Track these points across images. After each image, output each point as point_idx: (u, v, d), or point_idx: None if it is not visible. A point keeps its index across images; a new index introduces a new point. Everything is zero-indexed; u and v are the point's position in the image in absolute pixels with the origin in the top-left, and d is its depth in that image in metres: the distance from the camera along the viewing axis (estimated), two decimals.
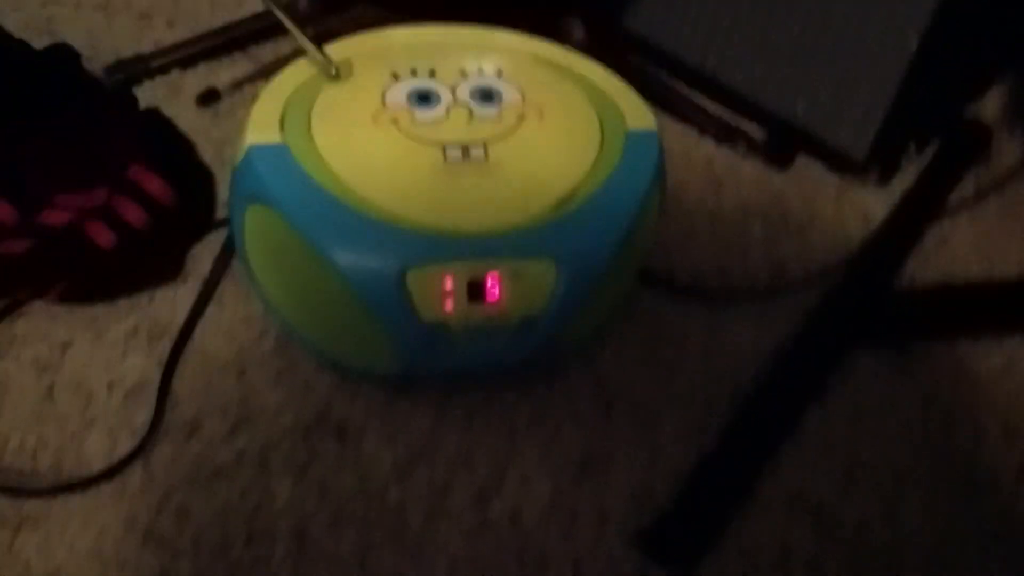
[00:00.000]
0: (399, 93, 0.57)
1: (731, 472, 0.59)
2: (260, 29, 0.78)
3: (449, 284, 0.52)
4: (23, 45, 0.66)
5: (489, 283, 0.52)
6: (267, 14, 0.78)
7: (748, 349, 0.63)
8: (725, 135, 0.77)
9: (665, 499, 0.56)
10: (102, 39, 0.76)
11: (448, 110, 0.56)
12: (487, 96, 0.57)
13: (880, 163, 0.74)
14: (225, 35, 0.77)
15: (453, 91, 0.57)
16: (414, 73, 0.58)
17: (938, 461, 0.59)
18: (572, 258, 0.53)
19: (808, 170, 0.76)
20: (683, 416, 0.60)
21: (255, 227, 0.55)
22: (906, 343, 0.65)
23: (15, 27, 0.69)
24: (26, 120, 0.61)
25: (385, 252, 0.51)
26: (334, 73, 0.57)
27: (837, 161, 0.75)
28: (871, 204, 0.74)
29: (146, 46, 0.77)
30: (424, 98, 0.57)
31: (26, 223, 0.60)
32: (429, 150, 0.54)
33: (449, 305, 0.52)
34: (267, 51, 0.78)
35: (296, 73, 0.59)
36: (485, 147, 0.55)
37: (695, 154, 0.76)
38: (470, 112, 0.56)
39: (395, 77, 0.58)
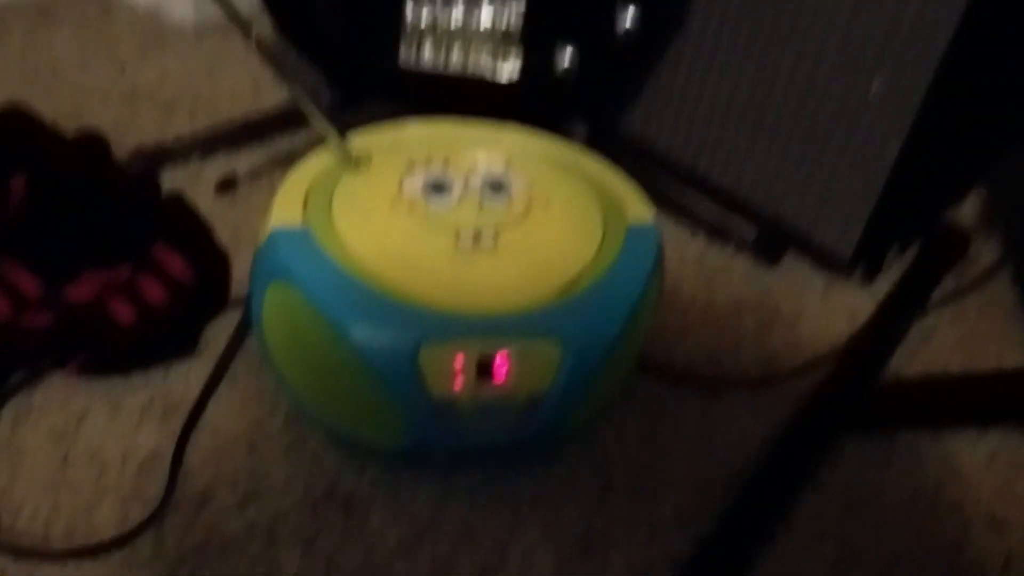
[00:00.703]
0: (415, 182, 0.60)
1: (728, 555, 0.60)
2: (276, 122, 0.82)
3: (459, 362, 0.54)
4: (55, 131, 0.70)
5: (497, 362, 0.55)
6: (283, 108, 0.83)
7: (742, 435, 0.66)
8: (717, 233, 0.81)
9: None
10: (127, 129, 0.80)
11: (460, 199, 0.60)
12: (496, 187, 0.61)
13: (865, 262, 0.78)
14: (243, 127, 0.81)
15: (465, 182, 0.61)
16: (429, 164, 0.62)
17: (926, 550, 0.61)
18: (577, 340, 0.56)
19: (797, 267, 0.80)
20: (680, 498, 0.62)
21: (275, 304, 0.58)
22: (893, 433, 0.67)
23: (48, 114, 0.73)
24: (57, 200, 0.64)
25: (399, 329, 0.54)
26: (354, 163, 0.61)
27: (824, 259, 0.79)
28: (857, 301, 0.77)
29: (168, 136, 0.81)
30: (438, 187, 0.60)
31: (50, 297, 0.62)
32: (442, 236, 0.57)
33: (459, 383, 0.55)
34: (283, 143, 0.81)
35: (317, 162, 0.62)
36: (495, 234, 0.58)
37: (688, 250, 0.80)
38: (481, 202, 0.60)
39: (411, 167, 0.61)
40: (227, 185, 0.76)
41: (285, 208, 0.59)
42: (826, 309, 0.77)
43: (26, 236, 0.63)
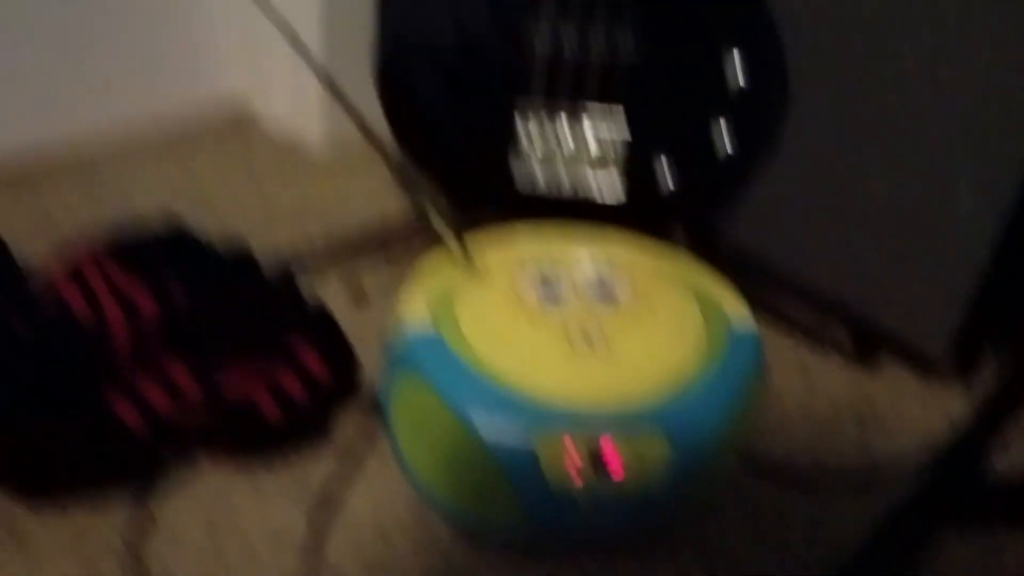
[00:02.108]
0: (530, 287, 0.66)
1: None
2: (401, 234, 0.89)
3: (574, 453, 0.59)
4: (214, 249, 0.79)
5: (609, 454, 0.59)
6: (406, 223, 0.91)
7: (846, 534, 0.68)
8: (813, 336, 0.84)
9: None
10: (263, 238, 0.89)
11: (571, 301, 0.65)
12: (605, 290, 0.66)
13: (960, 363, 0.80)
14: (365, 237, 0.89)
15: (574, 287, 0.67)
16: (541, 269, 0.68)
17: None
18: (684, 436, 0.60)
19: (893, 369, 0.82)
20: None
21: (405, 399, 0.64)
22: (994, 532, 0.68)
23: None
24: (213, 304, 0.72)
25: (518, 421, 0.59)
26: (476, 270, 0.67)
27: (919, 362, 0.81)
28: (954, 403, 0.79)
29: (300, 244, 0.89)
30: (551, 292, 0.66)
31: (206, 396, 0.69)
32: (556, 334, 0.63)
33: (575, 474, 0.59)
34: (402, 248, 0.89)
35: (440, 264, 0.69)
36: (603, 332, 0.63)
37: (786, 353, 0.84)
38: (590, 303, 0.65)
39: (526, 274, 0.67)
40: (359, 297, 0.84)
41: (416, 309, 0.65)
42: (923, 410, 0.79)
43: (185, 332, 0.71)
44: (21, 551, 0.62)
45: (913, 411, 0.79)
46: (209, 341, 0.72)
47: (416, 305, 0.66)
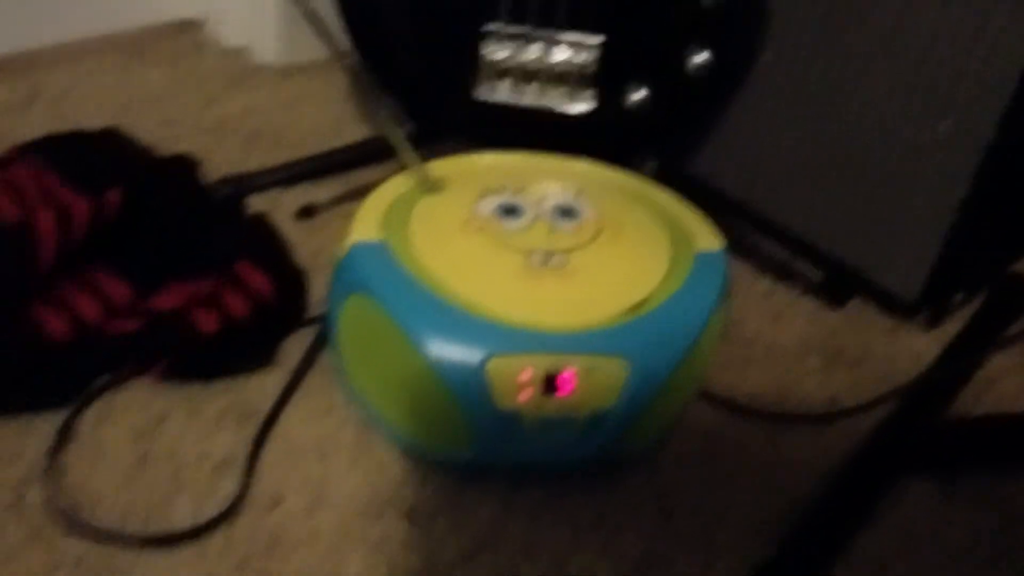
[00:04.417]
0: (488, 205, 0.62)
1: None
2: (355, 157, 0.85)
3: (527, 375, 0.56)
4: (149, 151, 0.74)
5: (563, 376, 0.56)
6: (361, 144, 0.87)
7: (804, 468, 0.66)
8: (783, 274, 0.82)
9: None
10: (212, 158, 0.84)
11: (532, 222, 0.62)
12: (567, 213, 0.63)
13: (930, 307, 0.78)
14: (323, 160, 0.85)
15: (536, 207, 0.63)
16: (502, 190, 0.64)
17: None
18: (643, 359, 0.57)
19: (862, 309, 0.80)
20: (740, 526, 0.62)
21: (352, 316, 0.60)
22: (955, 474, 0.67)
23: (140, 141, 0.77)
24: (149, 213, 0.68)
25: (470, 341, 0.56)
26: (432, 186, 0.64)
27: (890, 303, 0.79)
28: (921, 344, 0.77)
29: (251, 166, 0.84)
30: (510, 211, 0.62)
31: (138, 304, 0.65)
32: (514, 255, 0.59)
33: (524, 395, 0.56)
34: (361, 176, 0.85)
35: (397, 185, 0.65)
36: (565, 255, 0.60)
37: (754, 288, 0.81)
38: (552, 225, 0.62)
39: (485, 192, 0.64)
40: (307, 212, 0.80)
41: (365, 225, 0.61)
42: (891, 351, 0.77)
43: (119, 245, 0.67)
44: None
45: (880, 350, 0.77)
46: (145, 253, 0.68)
47: (367, 219, 0.62)
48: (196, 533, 0.56)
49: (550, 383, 0.56)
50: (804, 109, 0.78)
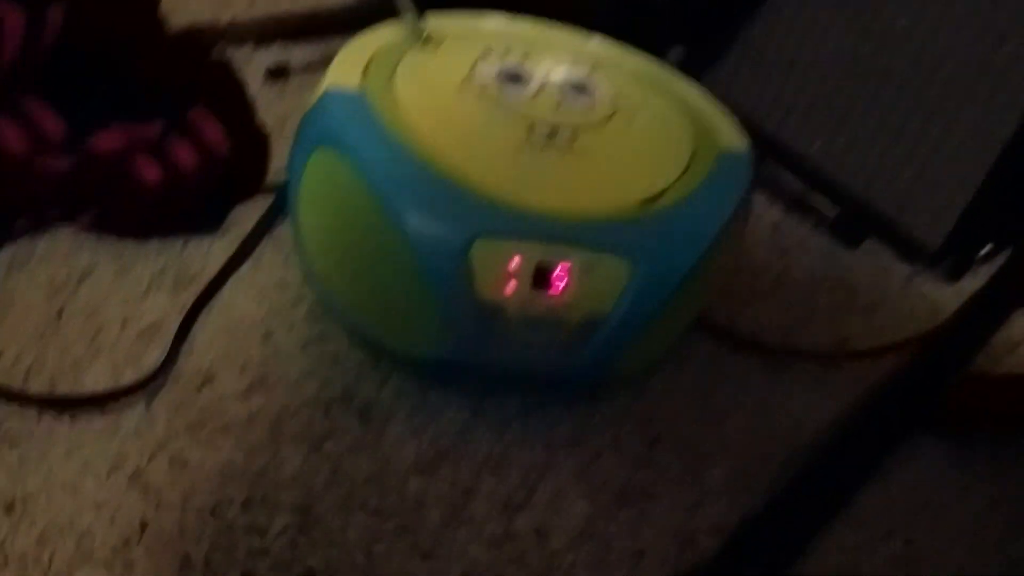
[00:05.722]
0: (490, 68, 0.54)
1: (780, 536, 0.53)
2: (338, 21, 0.76)
3: (515, 264, 0.48)
4: None
5: (557, 271, 0.48)
6: (348, 7, 0.78)
7: (805, 411, 0.59)
8: (797, 206, 0.74)
9: (707, 547, 0.51)
10: (182, 10, 0.74)
11: (538, 92, 0.53)
12: (580, 88, 0.54)
13: (953, 257, 0.71)
14: (303, 20, 0.76)
15: (545, 77, 0.54)
16: (507, 54, 0.55)
17: (998, 562, 0.54)
18: (649, 261, 0.49)
19: (879, 252, 0.73)
20: (731, 465, 0.55)
21: (316, 175, 0.51)
22: (972, 434, 0.60)
23: None
24: (94, 41, 0.58)
25: (454, 216, 0.48)
26: (425, 39, 0.55)
27: (909, 248, 0.72)
28: (939, 296, 0.71)
29: (225, 19, 0.75)
30: (515, 78, 0.54)
31: (73, 143, 0.56)
32: (514, 126, 0.51)
33: (510, 287, 0.48)
34: (342, 43, 0.76)
35: (384, 34, 0.56)
36: (572, 133, 0.51)
37: (765, 218, 0.73)
38: (560, 98, 0.53)
39: (487, 53, 0.55)
40: (278, 73, 0.71)
41: (342, 71, 0.53)
42: (906, 299, 0.70)
43: (57, 75, 0.58)
44: None
45: (895, 298, 0.70)
46: (87, 86, 0.59)
47: (346, 65, 0.53)
48: (105, 400, 0.48)
49: (541, 276, 0.48)
50: (842, 21, 0.70)
